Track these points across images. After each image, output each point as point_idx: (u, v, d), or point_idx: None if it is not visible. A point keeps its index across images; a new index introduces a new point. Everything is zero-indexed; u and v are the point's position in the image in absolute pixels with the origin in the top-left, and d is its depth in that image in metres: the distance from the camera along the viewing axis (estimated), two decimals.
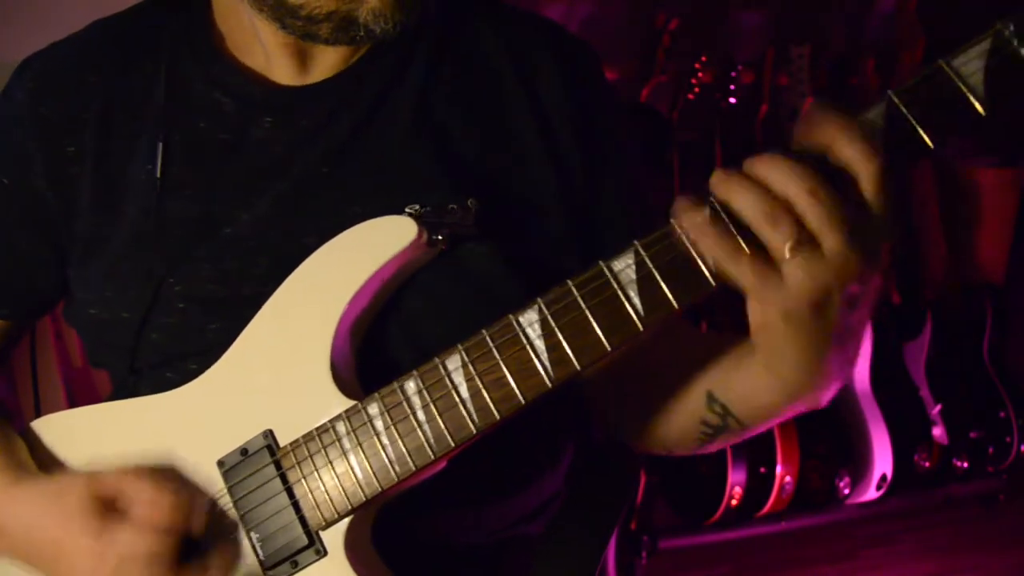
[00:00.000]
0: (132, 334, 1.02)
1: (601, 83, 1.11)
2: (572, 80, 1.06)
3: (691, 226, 0.78)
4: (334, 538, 0.90)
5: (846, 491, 2.86)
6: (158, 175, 1.02)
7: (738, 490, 2.73)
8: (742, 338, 0.88)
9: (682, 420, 0.98)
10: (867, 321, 0.83)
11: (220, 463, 0.93)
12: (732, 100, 2.97)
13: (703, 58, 2.90)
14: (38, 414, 1.03)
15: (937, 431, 2.97)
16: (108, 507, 0.89)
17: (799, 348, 0.80)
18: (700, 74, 2.90)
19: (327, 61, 1.03)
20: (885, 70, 3.10)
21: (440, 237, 0.95)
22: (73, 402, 2.21)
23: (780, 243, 0.73)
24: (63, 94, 1.07)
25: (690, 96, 2.92)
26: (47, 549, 0.91)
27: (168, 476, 0.92)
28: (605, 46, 2.92)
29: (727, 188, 0.76)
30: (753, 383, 0.88)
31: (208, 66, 1.05)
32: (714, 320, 2.65)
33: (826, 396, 0.87)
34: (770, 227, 0.74)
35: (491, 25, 1.08)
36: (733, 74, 2.96)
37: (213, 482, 0.93)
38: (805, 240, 0.73)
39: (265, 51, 1.03)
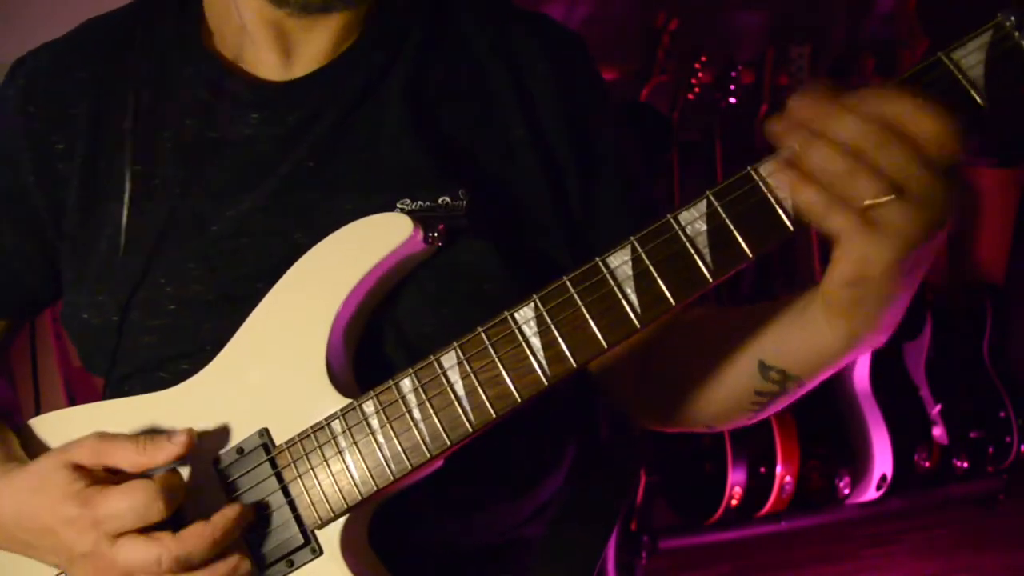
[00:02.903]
0: (124, 337, 1.02)
1: (590, 74, 1.10)
2: (560, 71, 1.05)
3: (784, 182, 0.74)
4: (330, 537, 0.90)
5: (846, 491, 2.86)
6: (140, 176, 1.02)
7: (738, 490, 2.73)
8: (782, 302, 0.86)
9: (729, 395, 0.94)
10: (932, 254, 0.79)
11: (216, 461, 0.92)
12: (732, 100, 2.97)
13: (703, 58, 2.90)
14: (38, 414, 1.03)
15: (937, 431, 2.97)
16: (88, 475, 0.87)
17: (886, 298, 0.77)
18: (700, 74, 2.90)
19: (311, 53, 1.03)
20: (885, 70, 3.10)
21: (435, 234, 0.95)
22: (73, 402, 2.21)
23: (877, 191, 0.69)
24: (53, 91, 1.07)
25: (690, 96, 2.91)
26: (36, 531, 0.89)
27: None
28: (605, 46, 2.93)
29: (809, 144, 0.71)
30: (816, 340, 0.84)
31: (196, 64, 1.05)
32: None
33: (886, 337, 0.83)
34: (867, 177, 0.70)
35: (478, 17, 1.07)
36: (733, 74, 2.96)
37: (209, 481, 0.92)
38: (905, 185, 0.70)
39: (252, 43, 1.03)
